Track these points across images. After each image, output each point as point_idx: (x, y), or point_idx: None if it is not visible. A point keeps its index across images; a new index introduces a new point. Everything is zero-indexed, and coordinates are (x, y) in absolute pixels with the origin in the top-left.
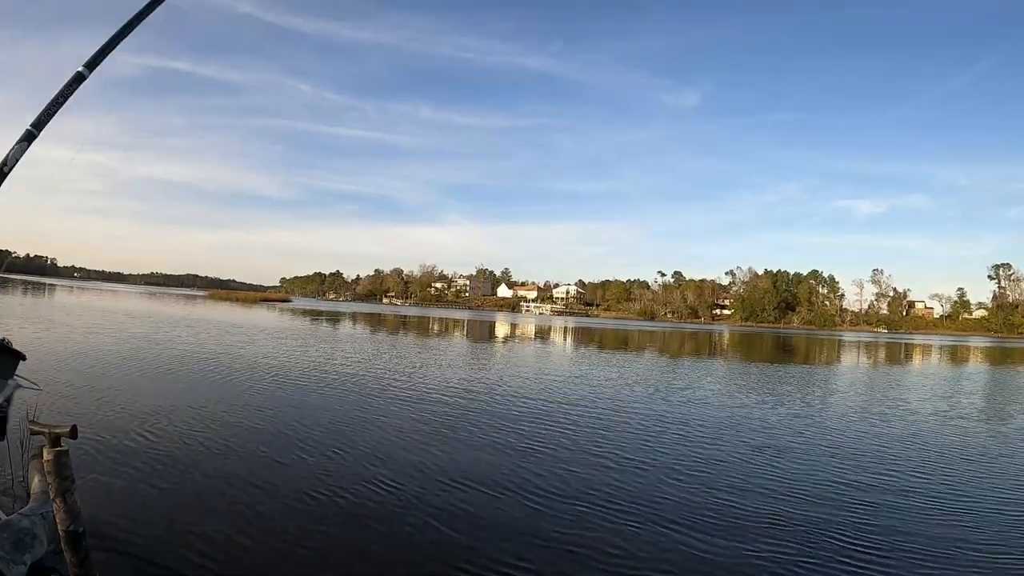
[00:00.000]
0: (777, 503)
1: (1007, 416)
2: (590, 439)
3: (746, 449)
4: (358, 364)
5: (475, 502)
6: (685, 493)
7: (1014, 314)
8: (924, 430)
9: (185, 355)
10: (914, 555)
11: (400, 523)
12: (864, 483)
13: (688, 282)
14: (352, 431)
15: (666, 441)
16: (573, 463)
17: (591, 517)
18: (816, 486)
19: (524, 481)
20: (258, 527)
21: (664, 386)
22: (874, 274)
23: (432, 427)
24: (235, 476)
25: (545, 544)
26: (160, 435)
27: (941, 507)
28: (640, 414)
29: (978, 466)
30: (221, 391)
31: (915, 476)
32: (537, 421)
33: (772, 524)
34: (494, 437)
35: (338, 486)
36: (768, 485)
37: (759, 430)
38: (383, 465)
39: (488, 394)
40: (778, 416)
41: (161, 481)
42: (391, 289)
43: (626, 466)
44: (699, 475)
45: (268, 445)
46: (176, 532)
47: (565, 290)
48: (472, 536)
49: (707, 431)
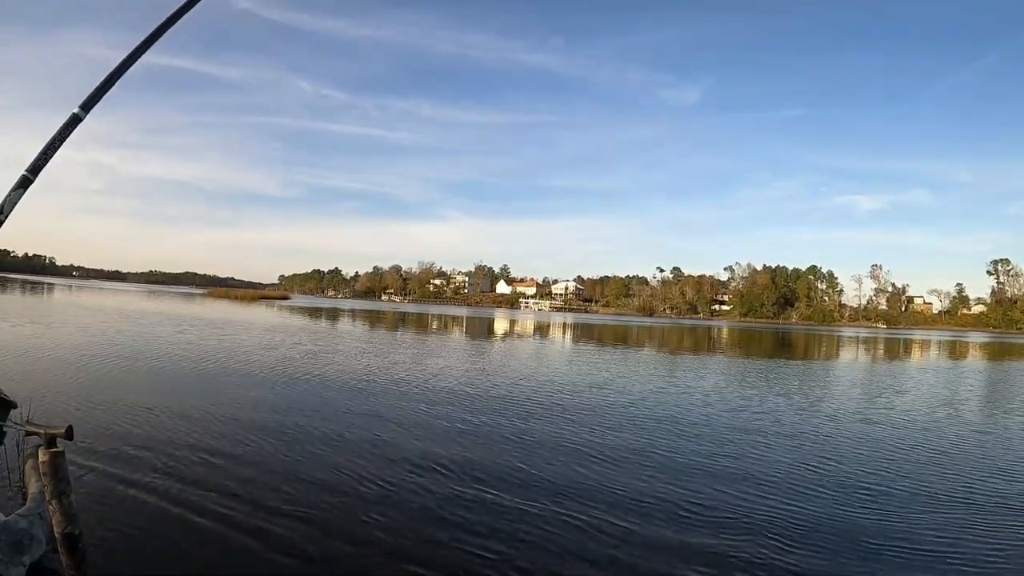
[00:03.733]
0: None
1: (1009, 411)
2: (590, 435)
3: (748, 441)
4: (359, 360)
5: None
6: (681, 484)
7: (1013, 309)
8: (925, 426)
9: (183, 354)
10: (915, 549)
11: (406, 514)
12: (881, 474)
13: (687, 278)
14: (352, 424)
15: (667, 436)
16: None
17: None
18: (836, 480)
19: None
20: (258, 527)
21: (663, 383)
22: (873, 270)
23: (428, 420)
24: (236, 475)
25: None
26: (159, 435)
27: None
28: (643, 408)
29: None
30: (220, 389)
31: (916, 472)
32: (540, 417)
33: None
34: (490, 425)
35: (337, 483)
36: (773, 478)
37: (756, 421)
38: (383, 465)
39: (487, 387)
40: (778, 408)
41: (161, 482)
42: (390, 286)
43: (643, 462)
44: (709, 468)
45: (268, 444)
46: (176, 533)
47: (564, 286)
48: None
49: (713, 427)
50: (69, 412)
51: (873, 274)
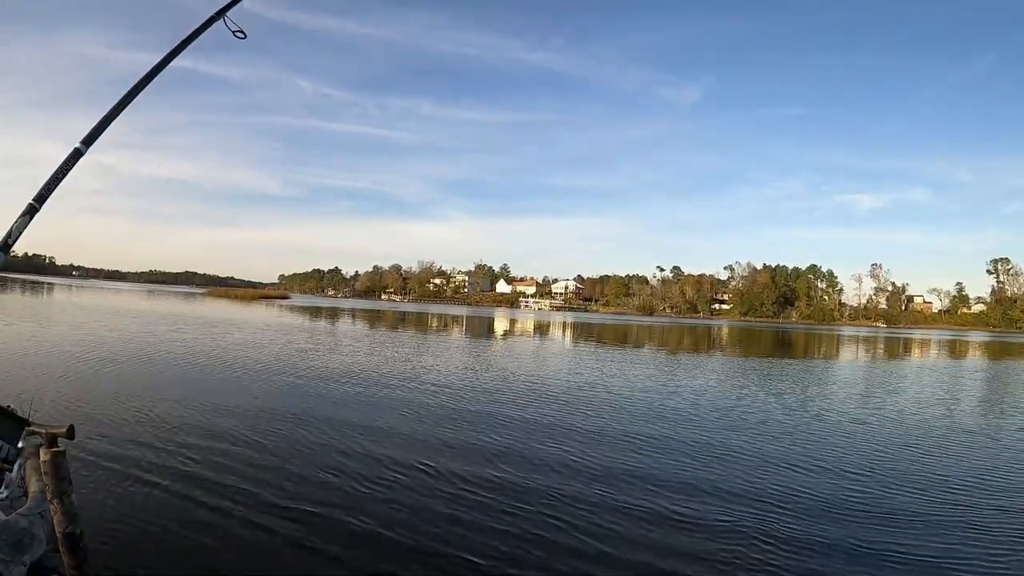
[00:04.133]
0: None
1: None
2: (599, 432)
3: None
4: (360, 360)
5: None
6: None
7: (1013, 308)
8: (925, 423)
9: (184, 353)
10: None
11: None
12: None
13: (687, 277)
14: (354, 420)
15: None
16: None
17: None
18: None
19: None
20: (258, 526)
21: (662, 381)
22: (872, 268)
23: (427, 415)
24: (236, 473)
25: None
26: (161, 434)
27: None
28: (649, 404)
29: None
30: (221, 388)
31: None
32: (543, 412)
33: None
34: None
35: (337, 479)
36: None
37: (759, 419)
38: (383, 460)
39: (486, 386)
40: (781, 406)
41: (162, 481)
42: (390, 285)
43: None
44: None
45: (268, 441)
46: (177, 533)
47: (564, 285)
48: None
49: (720, 422)
50: (66, 410)
51: (873, 273)
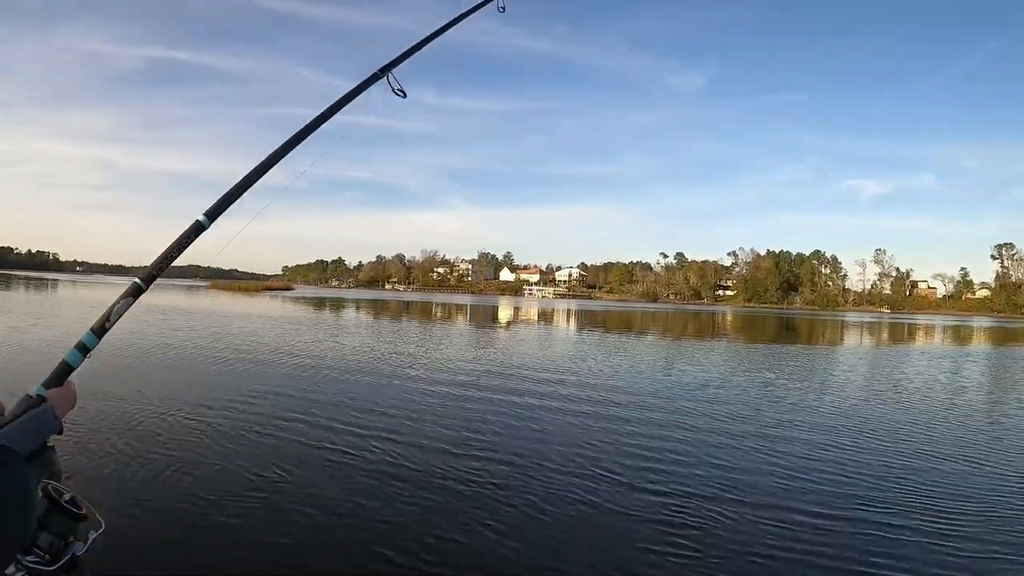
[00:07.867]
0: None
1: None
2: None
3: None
4: (365, 350)
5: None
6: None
7: (1017, 294)
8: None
9: (183, 346)
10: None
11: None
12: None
13: (691, 263)
14: (357, 414)
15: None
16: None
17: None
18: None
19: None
20: (259, 527)
21: (667, 369)
22: (876, 254)
23: (431, 408)
24: (236, 471)
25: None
26: (156, 429)
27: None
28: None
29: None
30: (219, 381)
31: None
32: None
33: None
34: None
35: (336, 475)
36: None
37: (765, 410)
38: (387, 461)
39: (492, 374)
40: (786, 397)
41: (156, 477)
42: (393, 275)
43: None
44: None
45: (268, 439)
46: (174, 532)
47: (568, 273)
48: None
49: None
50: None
51: (877, 259)
